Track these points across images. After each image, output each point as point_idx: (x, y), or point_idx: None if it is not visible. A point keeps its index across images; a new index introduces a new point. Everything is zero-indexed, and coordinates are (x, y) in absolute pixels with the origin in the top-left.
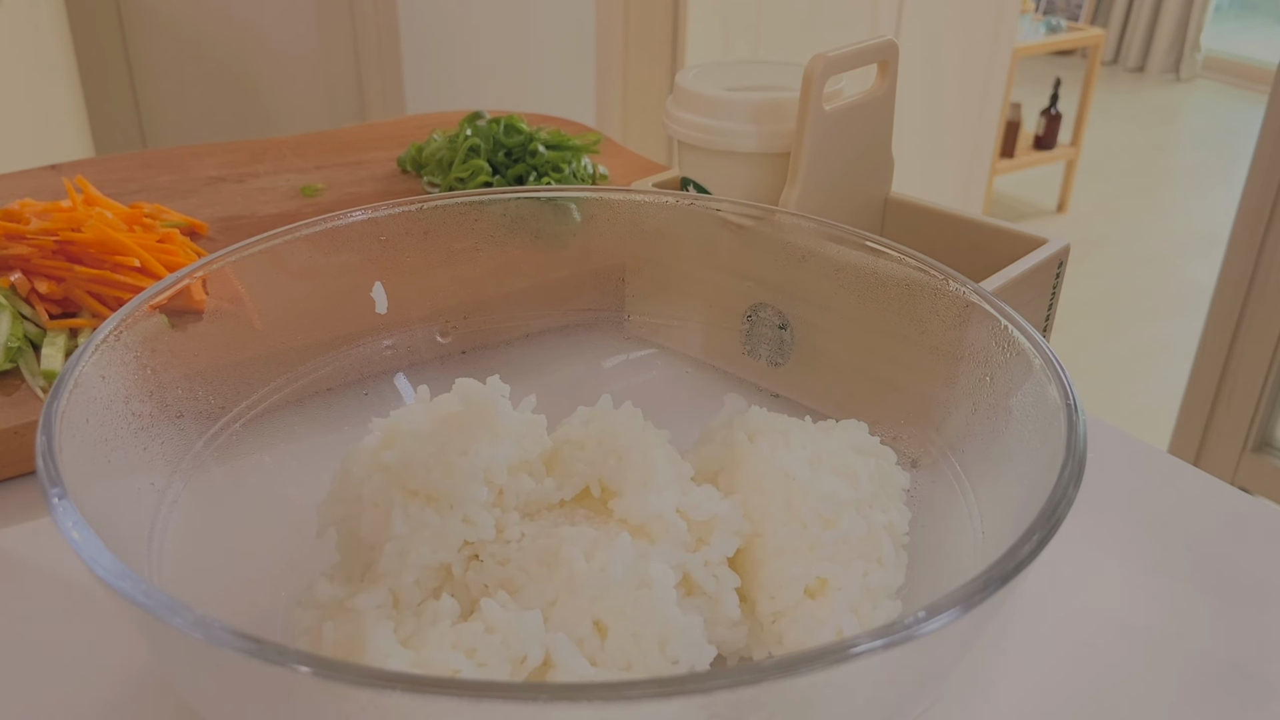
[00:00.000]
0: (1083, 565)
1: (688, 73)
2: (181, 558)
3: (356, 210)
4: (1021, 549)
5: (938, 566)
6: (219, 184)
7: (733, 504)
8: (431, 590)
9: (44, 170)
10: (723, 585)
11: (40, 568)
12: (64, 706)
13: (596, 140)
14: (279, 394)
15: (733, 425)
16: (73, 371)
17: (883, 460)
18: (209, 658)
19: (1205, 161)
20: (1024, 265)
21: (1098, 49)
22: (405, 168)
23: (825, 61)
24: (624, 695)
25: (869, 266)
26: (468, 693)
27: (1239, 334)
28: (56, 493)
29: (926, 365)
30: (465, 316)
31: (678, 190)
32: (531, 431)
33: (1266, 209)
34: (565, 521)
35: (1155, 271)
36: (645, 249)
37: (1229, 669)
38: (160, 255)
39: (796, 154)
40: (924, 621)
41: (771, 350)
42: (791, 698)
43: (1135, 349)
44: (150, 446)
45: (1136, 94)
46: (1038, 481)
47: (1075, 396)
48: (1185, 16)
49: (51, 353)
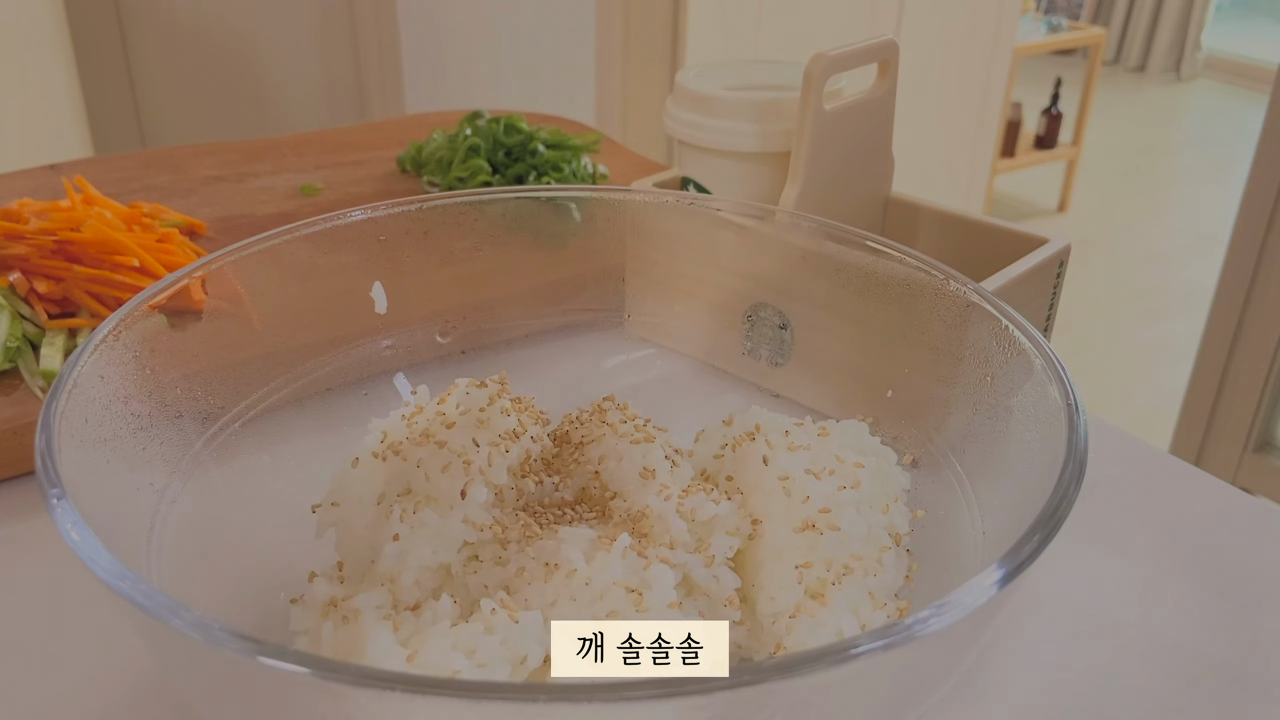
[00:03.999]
0: (1083, 565)
1: (688, 72)
2: (181, 558)
3: (356, 210)
4: (1022, 549)
5: (938, 566)
6: (218, 184)
7: (733, 505)
8: (431, 590)
9: (43, 170)
10: (723, 585)
11: (40, 568)
12: (64, 706)
13: (596, 140)
14: (278, 394)
15: (733, 425)
16: (72, 371)
17: (883, 460)
18: (209, 658)
19: (1206, 161)
20: (1025, 265)
21: (1099, 48)
22: (405, 167)
23: (826, 61)
24: (624, 695)
25: (869, 266)
26: (467, 693)
27: (1240, 334)
28: (56, 493)
29: (927, 365)
30: (465, 316)
31: (678, 190)
32: (531, 432)
33: (1267, 209)
34: (565, 521)
35: (1155, 271)
36: (645, 249)
37: (1229, 669)
38: (159, 255)
39: (797, 153)
40: (924, 622)
41: (772, 350)
42: (791, 698)
43: (1136, 349)
44: (149, 447)
45: (1137, 94)
46: (1039, 482)
47: (1076, 396)
48: (1186, 16)
49: (50, 353)
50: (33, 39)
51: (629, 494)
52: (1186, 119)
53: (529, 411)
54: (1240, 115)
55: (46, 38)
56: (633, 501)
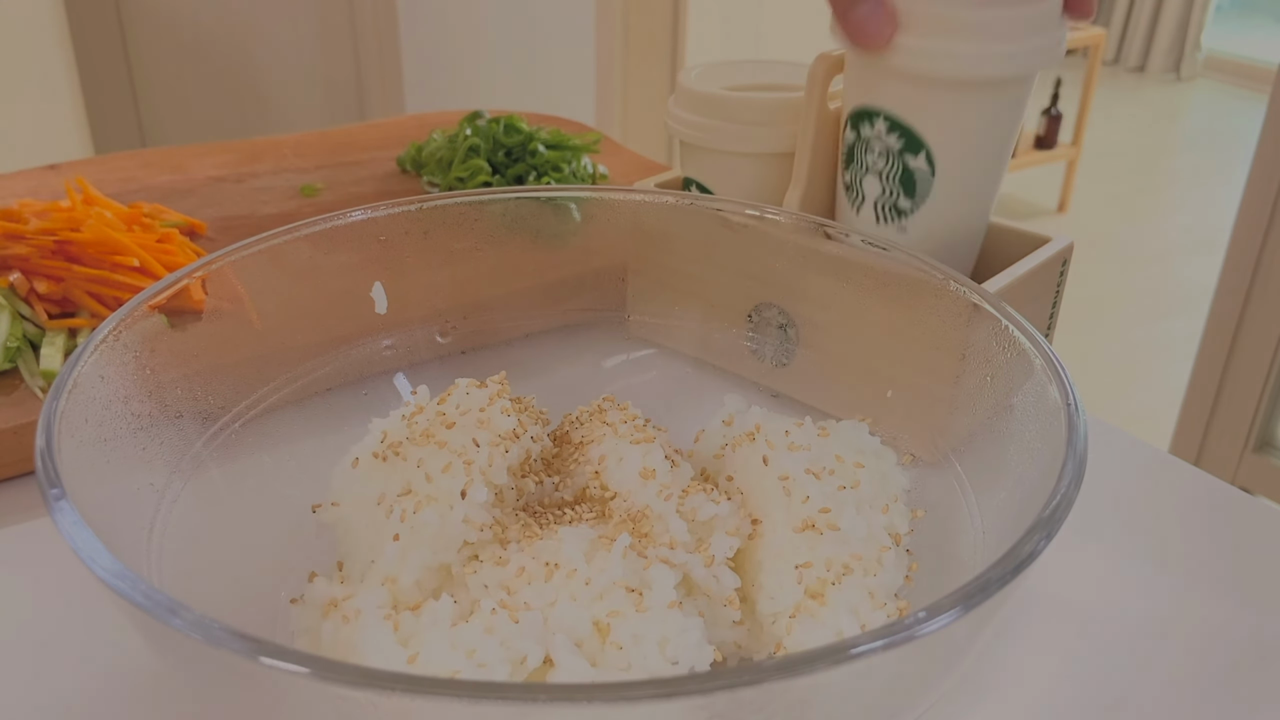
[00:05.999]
0: (1083, 565)
1: (690, 72)
2: (181, 558)
3: (356, 210)
4: (1022, 549)
5: (938, 566)
6: (218, 184)
7: (733, 504)
8: (431, 590)
9: (43, 170)
10: (723, 585)
11: (39, 568)
12: (64, 706)
13: (596, 140)
14: (278, 394)
15: (733, 425)
16: (72, 372)
17: (883, 460)
18: (209, 658)
19: (1205, 161)
20: (1028, 264)
21: (1098, 49)
22: (405, 167)
23: (829, 61)
24: (624, 696)
25: (871, 266)
26: (467, 693)
27: (1239, 334)
28: (56, 493)
29: (927, 365)
30: (465, 316)
31: (680, 190)
32: (531, 432)
33: (1267, 209)
34: (565, 521)
35: (1155, 271)
36: (646, 249)
37: (1229, 669)
38: (159, 255)
39: (800, 154)
40: (924, 622)
41: (776, 350)
42: (791, 698)
43: (1135, 349)
44: (149, 447)
45: (1137, 94)
46: (1038, 482)
47: (1076, 397)
48: (1186, 16)
49: (50, 353)
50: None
51: (629, 494)
52: (1186, 119)
53: (529, 411)
54: (1240, 115)
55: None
56: (633, 501)
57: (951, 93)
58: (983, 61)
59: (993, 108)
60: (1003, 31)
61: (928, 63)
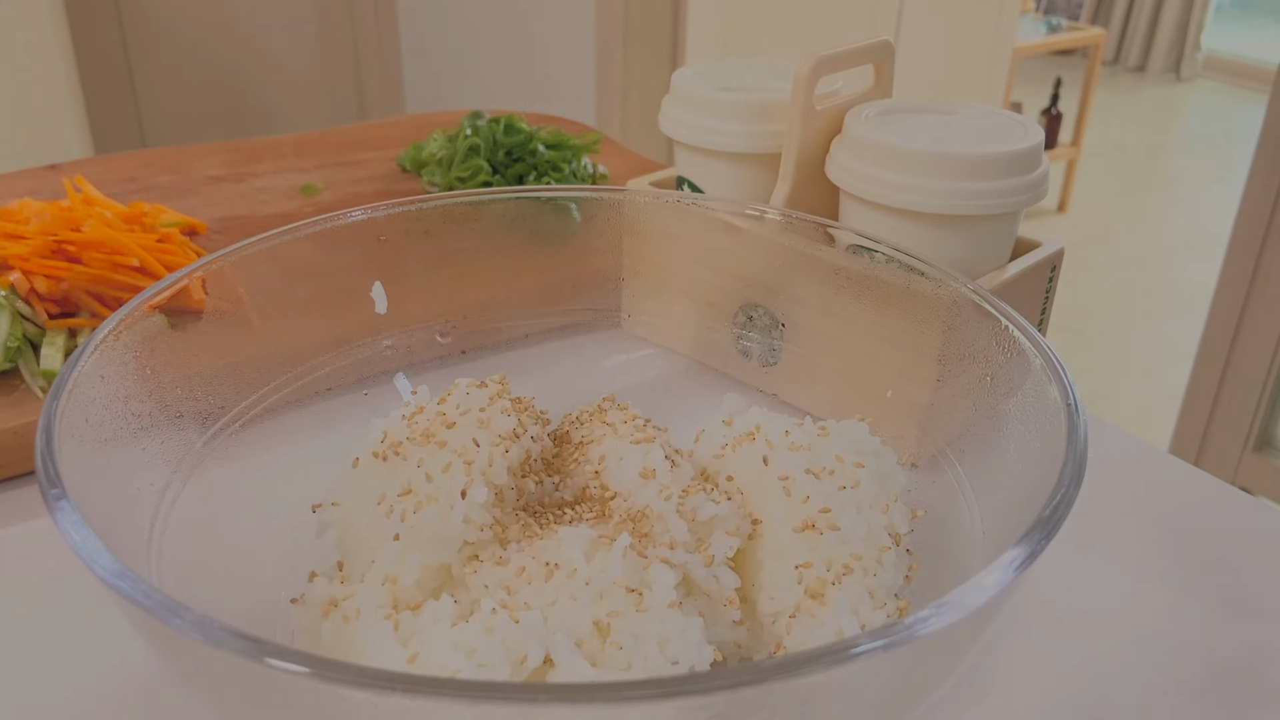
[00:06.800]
0: (1083, 566)
1: (683, 72)
2: (181, 558)
3: (356, 210)
4: (1022, 549)
5: (938, 566)
6: (219, 184)
7: (733, 504)
8: (431, 590)
9: (43, 170)
10: (723, 585)
11: (40, 568)
12: (64, 706)
13: (596, 140)
14: (278, 394)
15: (733, 425)
16: (72, 371)
17: (883, 460)
18: (209, 658)
19: (1205, 161)
20: (1016, 268)
21: (1098, 49)
22: (405, 167)
23: (816, 62)
24: (624, 696)
25: (866, 266)
26: (467, 693)
27: (1239, 334)
28: (56, 493)
29: (926, 365)
30: (465, 316)
31: (673, 189)
32: (531, 432)
33: (1267, 209)
34: (565, 521)
35: (1155, 271)
36: (641, 248)
37: (1229, 670)
38: (159, 255)
39: (787, 153)
40: (924, 622)
41: (763, 350)
42: (792, 698)
43: (1135, 349)
44: (149, 447)
45: (1137, 94)
46: (1038, 482)
47: (1076, 396)
48: (1186, 16)
49: (51, 353)
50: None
51: (629, 494)
52: (1186, 119)
53: (529, 411)
54: (1240, 115)
55: (46, 38)
56: (633, 501)
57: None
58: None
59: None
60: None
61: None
